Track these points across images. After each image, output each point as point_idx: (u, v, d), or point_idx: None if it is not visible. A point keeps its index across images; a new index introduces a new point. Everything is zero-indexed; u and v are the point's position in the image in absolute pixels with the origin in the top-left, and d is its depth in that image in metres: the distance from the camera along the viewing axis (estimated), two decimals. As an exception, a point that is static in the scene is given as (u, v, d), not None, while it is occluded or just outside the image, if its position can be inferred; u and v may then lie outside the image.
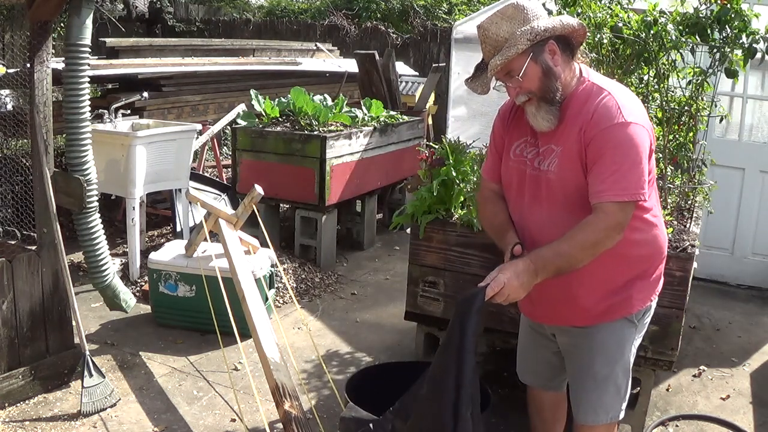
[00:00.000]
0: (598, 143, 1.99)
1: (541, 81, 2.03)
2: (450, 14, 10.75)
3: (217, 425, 3.15)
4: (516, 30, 2.00)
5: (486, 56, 2.06)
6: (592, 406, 2.27)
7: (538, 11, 2.05)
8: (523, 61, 2.01)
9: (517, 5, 2.04)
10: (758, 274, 5.12)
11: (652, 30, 3.25)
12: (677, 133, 3.53)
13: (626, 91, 2.14)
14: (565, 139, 2.06)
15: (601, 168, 1.98)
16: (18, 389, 3.15)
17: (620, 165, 1.96)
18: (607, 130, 1.98)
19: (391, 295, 4.76)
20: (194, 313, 3.94)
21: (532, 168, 2.15)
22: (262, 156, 5.18)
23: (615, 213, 1.97)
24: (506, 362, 3.71)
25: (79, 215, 3.35)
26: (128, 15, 10.69)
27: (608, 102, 2.02)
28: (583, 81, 2.10)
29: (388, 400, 2.70)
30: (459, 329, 1.98)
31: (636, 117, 2.01)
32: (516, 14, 2.02)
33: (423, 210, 3.31)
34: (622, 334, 2.22)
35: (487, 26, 2.04)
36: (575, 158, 2.04)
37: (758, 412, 3.45)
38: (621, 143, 1.97)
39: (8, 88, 4.02)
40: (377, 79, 6.45)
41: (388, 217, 6.13)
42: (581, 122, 2.03)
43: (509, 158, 2.23)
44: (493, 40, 2.03)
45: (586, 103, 2.05)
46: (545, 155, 2.12)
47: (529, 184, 2.16)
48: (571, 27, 2.06)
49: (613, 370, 2.23)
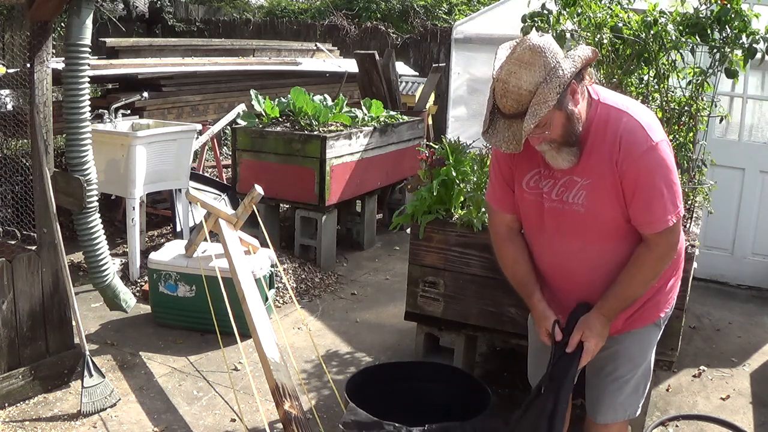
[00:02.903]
0: (635, 173, 1.94)
1: (565, 127, 1.92)
2: (450, 14, 10.75)
3: (217, 425, 3.15)
4: (540, 80, 1.84)
5: (506, 109, 1.89)
6: (612, 407, 2.27)
7: (554, 49, 1.89)
8: (551, 114, 1.87)
9: (533, 48, 1.86)
10: (758, 274, 5.12)
11: (652, 30, 3.25)
12: (677, 133, 3.53)
13: (636, 104, 2.07)
14: (592, 170, 1.99)
15: (644, 198, 1.95)
16: (18, 389, 3.15)
17: (661, 191, 1.95)
18: (641, 158, 1.93)
19: (391, 295, 4.76)
20: (194, 313, 3.94)
21: (550, 201, 2.07)
22: (262, 156, 5.18)
23: (668, 238, 1.99)
24: (506, 362, 3.71)
25: (79, 215, 3.35)
26: (128, 15, 10.69)
27: (631, 125, 1.95)
28: (595, 103, 2.00)
29: (388, 400, 2.72)
30: (553, 397, 2.06)
31: (658, 132, 1.97)
32: (535, 59, 1.85)
33: (423, 210, 3.31)
34: (649, 339, 2.23)
35: (506, 78, 1.86)
36: (609, 190, 1.98)
37: (758, 412, 3.45)
38: (657, 168, 1.94)
39: (8, 88, 4.02)
40: (377, 79, 6.45)
41: (388, 217, 6.13)
42: (609, 152, 1.95)
43: (523, 190, 2.14)
44: (515, 94, 1.85)
45: (606, 130, 1.96)
46: (567, 187, 2.04)
47: (548, 216, 2.09)
48: (588, 58, 1.95)
49: (637, 372, 2.24)
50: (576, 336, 2.05)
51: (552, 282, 2.21)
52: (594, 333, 2.04)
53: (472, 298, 3.29)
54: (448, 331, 3.48)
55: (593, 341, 2.04)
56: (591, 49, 1.97)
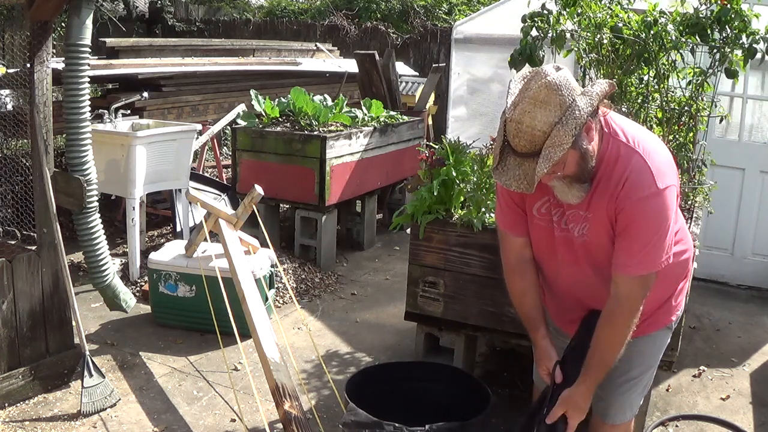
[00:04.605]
0: (628, 214, 1.89)
1: (578, 165, 1.86)
2: (450, 14, 10.75)
3: (217, 425, 3.15)
4: (555, 121, 1.76)
5: (519, 148, 1.80)
6: (621, 407, 2.28)
7: (572, 85, 1.80)
8: (564, 156, 1.80)
9: (549, 86, 1.77)
10: (758, 275, 5.12)
11: (652, 30, 3.25)
12: (677, 133, 3.53)
13: (653, 140, 1.99)
14: (594, 205, 1.96)
15: (629, 241, 1.91)
16: (18, 389, 3.15)
17: (649, 239, 1.89)
18: (639, 203, 1.87)
19: (391, 295, 4.76)
20: (194, 313, 3.94)
21: (560, 229, 2.06)
22: (262, 156, 5.18)
23: (637, 290, 1.94)
24: (506, 362, 3.71)
25: (79, 215, 3.35)
26: (128, 15, 10.70)
27: (640, 167, 1.88)
28: (607, 137, 1.93)
29: (388, 400, 2.71)
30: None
31: (666, 177, 1.90)
32: (551, 98, 1.76)
33: (423, 210, 3.31)
34: (661, 341, 2.24)
35: (519, 118, 1.78)
36: (606, 224, 1.96)
37: (758, 412, 3.45)
38: (652, 216, 1.88)
39: (8, 88, 4.02)
40: (377, 79, 6.45)
41: (388, 217, 6.13)
42: (612, 189, 1.91)
43: (533, 216, 2.11)
44: (528, 134, 1.77)
45: (615, 167, 1.91)
46: (573, 220, 2.01)
47: (560, 244, 2.08)
48: (605, 94, 1.87)
49: (647, 372, 2.26)
50: (558, 410, 2.05)
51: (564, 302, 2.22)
52: (578, 410, 2.06)
53: (472, 298, 3.29)
54: (448, 331, 3.48)
55: (577, 416, 2.06)
56: (608, 83, 1.89)
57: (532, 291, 2.19)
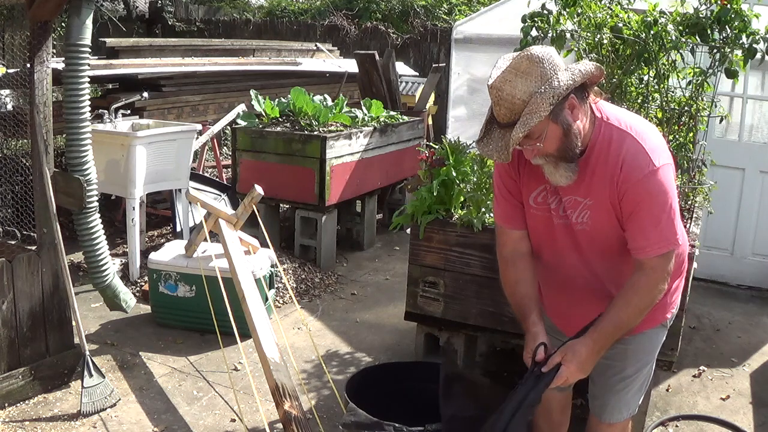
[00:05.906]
0: (633, 196, 1.90)
1: (561, 141, 1.87)
2: (450, 14, 10.74)
3: (217, 425, 3.15)
4: (534, 90, 1.79)
5: (500, 118, 1.85)
6: (618, 406, 2.28)
7: (555, 60, 1.83)
8: (543, 126, 1.82)
9: (531, 57, 1.81)
10: (758, 275, 5.12)
11: (652, 30, 3.25)
12: (677, 133, 3.53)
13: (643, 123, 2.02)
14: (595, 191, 1.96)
15: (640, 222, 1.92)
16: (18, 389, 3.15)
17: (659, 217, 1.91)
18: (640, 183, 1.89)
19: (391, 295, 4.76)
20: (194, 313, 3.94)
21: (558, 217, 2.06)
22: (262, 156, 5.18)
23: (662, 266, 1.94)
24: (506, 362, 3.71)
25: (79, 215, 3.35)
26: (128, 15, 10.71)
27: (634, 148, 1.90)
28: (599, 122, 1.95)
29: (388, 401, 2.71)
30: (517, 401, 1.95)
31: (662, 155, 1.92)
32: (532, 69, 1.80)
33: (423, 210, 3.32)
34: (656, 339, 2.24)
35: (500, 86, 1.82)
36: (610, 211, 1.96)
37: (758, 412, 3.45)
38: (656, 193, 1.90)
39: (8, 88, 4.02)
40: (377, 79, 6.45)
41: (388, 217, 6.13)
42: (610, 174, 1.92)
43: (530, 206, 2.12)
44: (508, 102, 1.81)
45: (609, 151, 1.92)
46: (571, 207, 2.02)
47: (559, 232, 2.08)
48: (589, 74, 1.88)
49: (642, 370, 2.25)
50: (556, 357, 1.97)
51: (564, 296, 2.21)
52: (575, 359, 1.95)
53: (472, 298, 3.29)
54: (448, 331, 3.48)
55: (572, 367, 1.95)
56: (595, 65, 1.90)
57: (525, 281, 2.17)
